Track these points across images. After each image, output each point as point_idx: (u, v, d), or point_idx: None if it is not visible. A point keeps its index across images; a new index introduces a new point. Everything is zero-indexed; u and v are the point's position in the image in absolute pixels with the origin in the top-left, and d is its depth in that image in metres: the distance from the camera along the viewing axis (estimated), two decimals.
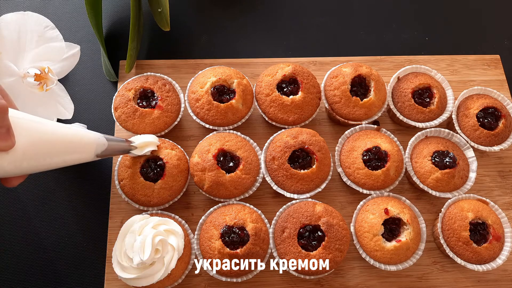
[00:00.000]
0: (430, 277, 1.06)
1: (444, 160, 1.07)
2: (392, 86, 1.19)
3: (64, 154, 0.73)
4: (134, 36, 1.16)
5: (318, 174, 1.04)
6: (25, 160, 0.65)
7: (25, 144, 0.64)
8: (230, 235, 0.95)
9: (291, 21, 1.38)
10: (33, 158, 0.67)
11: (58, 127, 0.72)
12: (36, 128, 0.67)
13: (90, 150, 0.78)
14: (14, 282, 1.03)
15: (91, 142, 0.78)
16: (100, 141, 0.80)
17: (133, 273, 0.90)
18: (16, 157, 0.63)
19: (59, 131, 0.72)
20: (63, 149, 0.72)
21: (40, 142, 0.67)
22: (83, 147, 0.77)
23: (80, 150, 0.76)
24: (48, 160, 0.70)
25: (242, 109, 1.11)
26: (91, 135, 0.79)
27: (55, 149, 0.70)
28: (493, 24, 1.42)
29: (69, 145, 0.73)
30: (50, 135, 0.69)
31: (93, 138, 0.79)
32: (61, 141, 0.71)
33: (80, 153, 0.77)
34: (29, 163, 0.66)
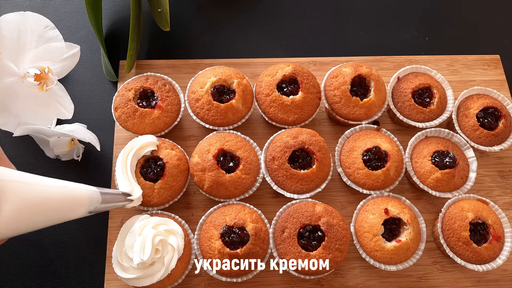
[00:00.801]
0: (430, 277, 1.06)
1: (444, 160, 1.07)
2: (392, 86, 1.19)
3: (53, 215, 0.69)
4: (134, 36, 1.16)
5: (318, 174, 1.04)
6: (8, 228, 0.61)
7: (11, 211, 0.61)
8: (230, 235, 0.95)
9: (291, 21, 1.38)
10: (19, 224, 0.63)
11: (48, 186, 0.67)
12: (25, 192, 0.63)
13: (82, 207, 0.73)
14: (14, 282, 1.03)
15: (82, 199, 0.73)
16: (94, 197, 0.75)
17: (133, 273, 0.90)
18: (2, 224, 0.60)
19: (49, 191, 0.67)
20: (53, 211, 0.68)
21: (28, 207, 0.63)
22: (74, 205, 0.72)
23: (71, 209, 0.72)
24: (36, 223, 0.66)
25: (242, 109, 1.11)
26: (83, 192, 0.73)
27: (44, 212, 0.66)
28: (493, 24, 1.42)
29: (59, 206, 0.69)
30: (40, 197, 0.65)
31: (86, 195, 0.74)
32: (51, 202, 0.67)
33: (71, 212, 0.72)
34: (12, 231, 0.63)
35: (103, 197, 0.77)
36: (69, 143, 1.07)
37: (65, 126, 1.08)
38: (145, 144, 1.00)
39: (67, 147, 1.07)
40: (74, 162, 1.13)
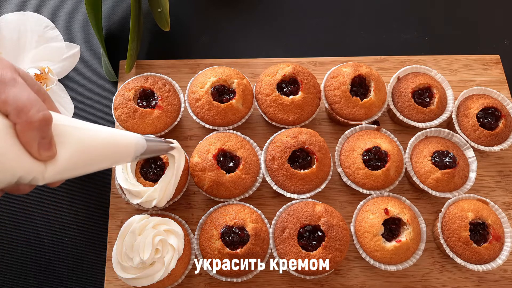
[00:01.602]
0: (430, 277, 1.06)
1: (444, 160, 1.07)
2: (392, 86, 1.19)
3: (104, 160, 0.71)
4: (134, 36, 1.16)
5: (318, 174, 1.04)
6: (66, 170, 0.64)
7: (68, 154, 0.63)
8: (230, 235, 0.95)
9: (291, 21, 1.38)
10: (75, 167, 0.65)
11: (99, 131, 0.69)
12: (79, 136, 0.65)
13: (129, 152, 0.76)
14: (14, 282, 1.03)
15: (130, 145, 0.76)
16: (140, 143, 0.78)
17: (133, 273, 0.90)
18: (58, 168, 0.62)
19: (101, 136, 0.69)
20: (104, 155, 0.70)
21: (82, 151, 0.65)
22: (123, 150, 0.74)
23: (120, 154, 0.74)
24: (89, 167, 0.68)
25: (242, 109, 1.11)
26: (130, 138, 0.76)
27: (97, 156, 0.69)
28: (493, 24, 1.42)
29: (110, 151, 0.71)
30: (93, 142, 0.67)
31: (133, 141, 0.76)
32: (102, 147, 0.69)
33: (120, 157, 0.74)
34: (69, 173, 0.65)
35: (148, 144, 0.80)
36: None
37: None
38: None
39: None
40: None
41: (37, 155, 0.59)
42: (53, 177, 0.63)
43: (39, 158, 0.60)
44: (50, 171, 0.61)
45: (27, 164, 0.59)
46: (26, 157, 0.59)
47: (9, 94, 0.57)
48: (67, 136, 0.64)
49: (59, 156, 0.62)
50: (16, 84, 0.58)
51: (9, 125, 0.57)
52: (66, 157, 0.63)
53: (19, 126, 0.57)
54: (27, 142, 0.58)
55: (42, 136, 0.59)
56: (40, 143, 0.58)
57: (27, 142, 0.58)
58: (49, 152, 0.60)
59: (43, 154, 0.60)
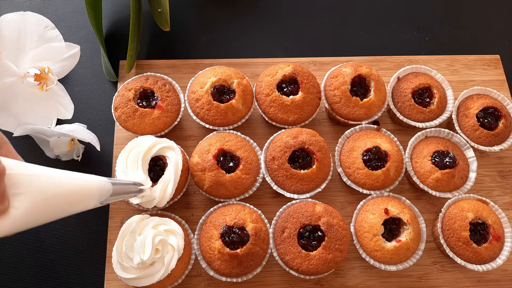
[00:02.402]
0: (430, 277, 1.06)
1: (444, 160, 1.07)
2: (392, 86, 1.19)
3: (65, 209, 0.68)
4: (134, 36, 1.16)
5: (318, 174, 1.04)
6: (21, 223, 0.60)
7: (24, 206, 0.60)
8: (230, 235, 0.95)
9: (291, 21, 1.38)
10: (32, 219, 0.62)
11: (60, 178, 0.66)
12: (39, 184, 0.62)
13: (93, 198, 0.72)
14: (14, 282, 1.03)
15: (94, 191, 0.72)
16: (104, 187, 0.74)
17: (133, 273, 0.90)
18: (12, 222, 0.59)
19: (62, 183, 0.66)
20: (66, 203, 0.67)
21: (41, 201, 0.62)
22: (86, 196, 0.71)
23: (83, 201, 0.71)
24: (48, 217, 0.65)
25: (242, 109, 1.11)
26: (94, 182, 0.73)
27: (58, 206, 0.66)
28: (493, 24, 1.42)
29: (72, 198, 0.68)
30: (53, 190, 0.64)
31: (97, 185, 0.73)
32: (64, 194, 0.66)
33: (83, 204, 0.71)
34: (28, 223, 0.62)
35: (114, 187, 0.76)
36: (69, 143, 1.07)
37: (65, 126, 1.08)
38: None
39: (67, 147, 1.07)
40: (74, 162, 1.13)
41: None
42: (9, 230, 0.59)
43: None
44: (4, 224, 0.57)
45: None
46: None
47: None
48: (24, 185, 0.60)
49: (14, 209, 0.58)
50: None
51: None
52: (22, 210, 0.59)
53: None
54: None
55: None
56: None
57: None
58: (2, 205, 0.57)
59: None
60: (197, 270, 1.03)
